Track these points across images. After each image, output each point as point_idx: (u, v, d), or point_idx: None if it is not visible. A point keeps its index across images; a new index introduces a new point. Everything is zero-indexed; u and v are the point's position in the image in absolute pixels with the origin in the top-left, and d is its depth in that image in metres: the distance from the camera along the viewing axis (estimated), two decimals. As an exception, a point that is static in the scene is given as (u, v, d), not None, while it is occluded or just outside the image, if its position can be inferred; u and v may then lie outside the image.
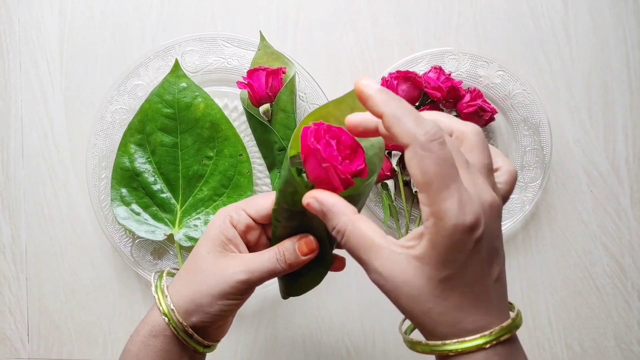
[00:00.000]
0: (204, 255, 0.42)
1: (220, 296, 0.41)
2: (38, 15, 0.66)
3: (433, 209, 0.31)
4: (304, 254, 0.42)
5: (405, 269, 0.33)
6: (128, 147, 0.61)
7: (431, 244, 0.32)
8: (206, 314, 0.41)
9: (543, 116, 0.62)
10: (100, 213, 0.62)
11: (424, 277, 0.33)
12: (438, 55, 0.63)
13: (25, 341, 0.66)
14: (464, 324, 0.33)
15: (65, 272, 0.66)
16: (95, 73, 0.66)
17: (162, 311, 0.42)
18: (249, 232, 0.44)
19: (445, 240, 0.31)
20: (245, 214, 0.43)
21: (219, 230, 0.43)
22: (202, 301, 0.41)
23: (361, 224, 0.35)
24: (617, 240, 0.64)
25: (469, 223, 0.31)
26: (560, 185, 0.65)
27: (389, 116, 0.32)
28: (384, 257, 0.34)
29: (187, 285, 0.42)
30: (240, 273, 0.41)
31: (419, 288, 0.33)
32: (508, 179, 0.37)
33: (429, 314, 0.33)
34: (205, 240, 0.43)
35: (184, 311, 0.42)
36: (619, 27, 0.64)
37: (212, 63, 0.63)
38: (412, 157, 0.31)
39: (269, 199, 0.43)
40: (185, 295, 0.42)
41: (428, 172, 0.31)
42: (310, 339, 0.65)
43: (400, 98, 0.33)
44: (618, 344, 0.64)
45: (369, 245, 0.34)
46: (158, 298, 0.43)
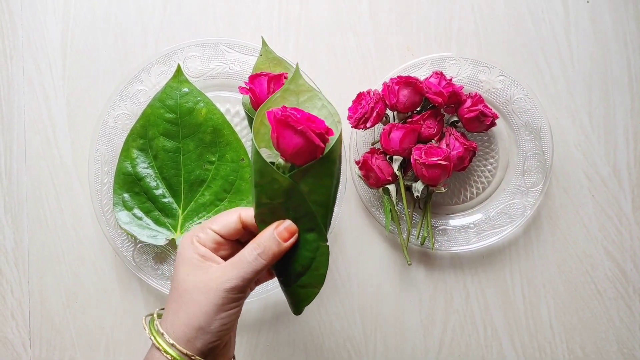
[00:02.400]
0: (184, 278, 0.41)
1: (215, 311, 0.40)
2: (41, 20, 0.66)
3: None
4: (285, 239, 0.41)
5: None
6: (130, 152, 0.61)
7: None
8: (208, 334, 0.40)
9: (544, 121, 0.62)
10: (102, 217, 0.62)
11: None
12: (439, 60, 0.63)
13: (27, 345, 0.66)
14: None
15: (67, 277, 0.66)
16: (98, 78, 0.66)
17: (163, 350, 0.40)
18: (220, 249, 0.43)
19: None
20: (211, 232, 0.43)
21: (190, 251, 0.42)
22: (199, 323, 0.40)
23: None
24: (619, 245, 0.65)
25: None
26: (562, 189, 0.65)
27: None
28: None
29: (179, 314, 0.41)
30: (226, 282, 0.40)
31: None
32: None
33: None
34: (180, 266, 0.42)
35: (186, 341, 0.40)
36: (620, 32, 0.65)
37: (214, 68, 0.63)
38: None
39: (234, 214, 0.43)
40: (181, 324, 0.40)
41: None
42: (312, 343, 0.65)
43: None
44: (620, 348, 0.64)
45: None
46: (155, 339, 0.41)
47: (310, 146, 0.39)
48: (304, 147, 0.39)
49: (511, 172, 0.64)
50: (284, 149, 0.40)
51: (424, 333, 0.65)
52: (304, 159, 0.40)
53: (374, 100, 0.58)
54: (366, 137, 0.64)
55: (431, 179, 0.57)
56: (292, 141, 0.39)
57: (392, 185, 0.60)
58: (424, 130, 0.59)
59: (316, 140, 0.39)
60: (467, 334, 0.65)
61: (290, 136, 0.39)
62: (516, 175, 0.63)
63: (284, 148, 0.40)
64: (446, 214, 0.64)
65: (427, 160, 0.56)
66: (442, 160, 0.56)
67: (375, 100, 0.58)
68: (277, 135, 0.40)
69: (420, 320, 0.65)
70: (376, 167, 0.59)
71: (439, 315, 0.65)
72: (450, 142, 0.58)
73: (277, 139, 0.40)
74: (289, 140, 0.39)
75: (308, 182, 0.41)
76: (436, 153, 0.57)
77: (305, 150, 0.39)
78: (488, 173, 0.64)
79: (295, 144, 0.39)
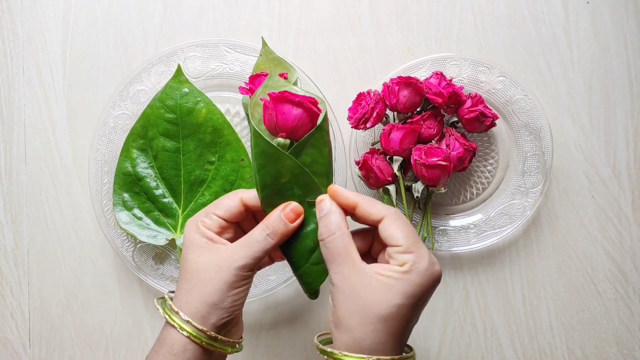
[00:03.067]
0: (195, 260, 0.43)
1: (228, 288, 0.42)
2: (41, 21, 0.66)
3: (413, 255, 0.40)
4: (292, 220, 0.44)
5: (368, 283, 0.40)
6: (130, 152, 0.61)
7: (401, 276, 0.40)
8: (221, 309, 0.42)
9: (544, 121, 0.62)
10: (102, 218, 0.62)
11: (382, 299, 0.39)
12: (439, 60, 0.63)
13: (26, 346, 0.66)
14: (385, 347, 0.40)
15: (67, 277, 0.66)
16: (98, 78, 0.66)
17: (179, 327, 0.42)
18: (224, 233, 0.45)
19: (416, 279, 0.40)
20: (215, 217, 0.45)
21: (197, 234, 0.44)
22: (213, 300, 0.42)
23: (347, 237, 0.42)
24: (619, 246, 0.65)
25: (437, 274, 0.41)
26: (562, 190, 0.65)
27: (363, 203, 0.42)
28: (355, 268, 0.40)
29: (192, 293, 0.43)
30: (238, 260, 0.42)
31: (372, 304, 0.39)
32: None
33: (365, 326, 0.39)
34: (190, 249, 0.44)
35: (200, 317, 0.42)
36: (620, 33, 0.65)
37: (214, 68, 0.63)
38: (390, 223, 0.41)
39: (236, 197, 0.45)
40: (195, 302, 0.42)
41: (404, 231, 0.41)
42: (312, 343, 0.65)
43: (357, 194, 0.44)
44: (620, 349, 0.64)
45: (348, 253, 0.41)
46: (170, 317, 0.43)
47: (309, 114, 0.43)
48: (304, 117, 0.43)
49: (511, 173, 0.64)
50: (284, 124, 0.43)
51: (424, 333, 0.65)
52: (303, 131, 0.43)
53: (374, 101, 0.58)
54: (366, 138, 0.64)
55: (431, 180, 0.57)
56: (291, 114, 0.42)
57: (392, 185, 0.60)
58: (424, 130, 0.59)
59: (313, 107, 0.43)
60: (466, 334, 0.65)
61: (289, 110, 0.42)
62: (516, 176, 0.63)
63: (284, 124, 0.43)
64: (446, 214, 0.64)
65: (427, 161, 0.56)
66: (442, 160, 0.56)
67: (375, 101, 0.58)
68: (276, 113, 0.43)
69: (420, 321, 0.64)
70: (376, 167, 0.59)
71: (439, 316, 0.65)
72: (450, 142, 0.58)
73: (275, 117, 0.43)
74: (288, 115, 0.43)
75: (309, 153, 0.44)
76: (436, 153, 0.57)
77: (305, 120, 0.43)
78: (488, 173, 0.64)
79: (296, 116, 0.42)
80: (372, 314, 0.39)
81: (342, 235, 0.41)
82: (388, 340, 0.40)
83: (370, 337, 0.39)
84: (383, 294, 0.39)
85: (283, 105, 0.43)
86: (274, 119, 0.43)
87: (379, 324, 0.39)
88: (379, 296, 0.39)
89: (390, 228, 0.41)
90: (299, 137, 0.44)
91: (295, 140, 0.44)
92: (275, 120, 0.43)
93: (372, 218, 0.42)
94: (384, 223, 0.42)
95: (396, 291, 0.39)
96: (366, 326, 0.39)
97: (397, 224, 0.41)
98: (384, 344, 0.40)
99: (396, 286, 0.39)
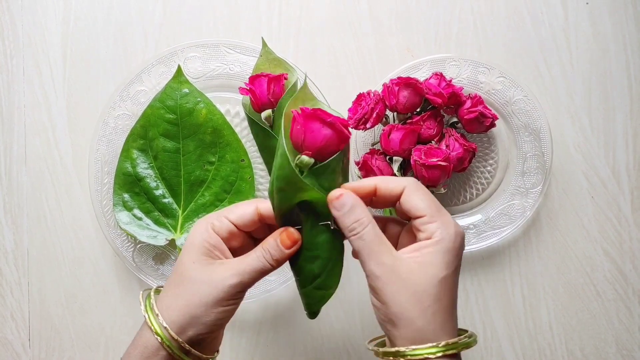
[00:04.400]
0: (190, 265, 0.42)
1: (215, 304, 0.40)
2: (42, 21, 0.66)
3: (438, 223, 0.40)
4: (288, 247, 0.42)
5: (412, 268, 0.39)
6: (130, 152, 0.61)
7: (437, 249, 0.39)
8: (202, 325, 0.41)
9: (544, 122, 0.62)
10: (102, 218, 0.62)
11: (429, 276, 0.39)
12: (439, 61, 0.63)
13: (26, 346, 0.66)
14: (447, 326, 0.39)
15: (67, 277, 0.66)
16: (98, 79, 0.66)
17: (154, 330, 0.40)
18: (232, 239, 0.43)
19: (449, 245, 0.40)
20: (227, 221, 0.43)
21: (202, 238, 0.42)
22: (196, 312, 0.40)
23: (377, 226, 0.41)
24: (618, 246, 0.65)
25: (463, 233, 0.41)
26: (561, 191, 0.65)
27: (380, 182, 0.42)
28: (394, 256, 0.40)
29: (178, 299, 0.41)
30: (231, 277, 0.41)
31: (422, 286, 0.39)
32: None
33: (425, 312, 0.38)
34: (188, 251, 0.42)
35: (178, 327, 0.40)
36: (619, 34, 0.65)
37: (215, 69, 0.63)
38: (411, 194, 0.41)
39: (252, 205, 0.43)
40: (178, 310, 0.41)
41: (426, 199, 0.41)
42: (311, 344, 0.65)
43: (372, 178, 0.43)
44: (619, 349, 0.64)
45: (383, 242, 0.40)
46: (149, 317, 0.41)
47: (338, 137, 0.41)
48: (333, 138, 0.41)
49: (511, 173, 0.64)
50: (311, 142, 0.41)
51: (424, 334, 0.65)
52: (328, 152, 0.42)
53: (374, 101, 0.58)
54: (366, 138, 0.64)
55: (431, 180, 0.57)
56: (320, 133, 0.41)
57: (392, 186, 0.60)
58: (423, 131, 0.59)
59: (344, 130, 0.41)
60: (466, 335, 0.65)
61: (318, 129, 0.41)
62: (516, 176, 0.63)
63: (311, 142, 0.41)
64: (446, 215, 0.64)
65: (426, 161, 0.56)
66: (441, 161, 0.56)
67: (375, 101, 0.58)
68: (305, 129, 0.41)
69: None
70: (376, 167, 0.59)
71: (439, 316, 0.65)
72: (450, 143, 0.58)
73: (304, 133, 0.41)
74: (317, 133, 0.41)
75: (329, 178, 0.43)
76: (436, 154, 0.57)
77: (333, 142, 0.41)
78: (488, 174, 0.65)
79: (324, 136, 0.41)
80: (427, 296, 0.38)
81: (375, 226, 0.40)
82: (446, 319, 0.39)
83: (432, 322, 0.38)
84: (428, 273, 0.39)
85: (314, 122, 0.41)
86: (302, 135, 0.42)
87: (436, 304, 0.39)
88: (426, 276, 0.39)
89: (412, 199, 0.41)
90: (323, 158, 0.42)
91: (318, 160, 0.42)
92: (304, 137, 0.41)
93: (394, 193, 0.42)
94: (405, 195, 0.41)
95: (438, 264, 0.39)
96: (426, 312, 0.38)
97: (418, 194, 0.41)
98: (443, 325, 0.39)
99: (436, 260, 0.39)
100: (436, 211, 0.41)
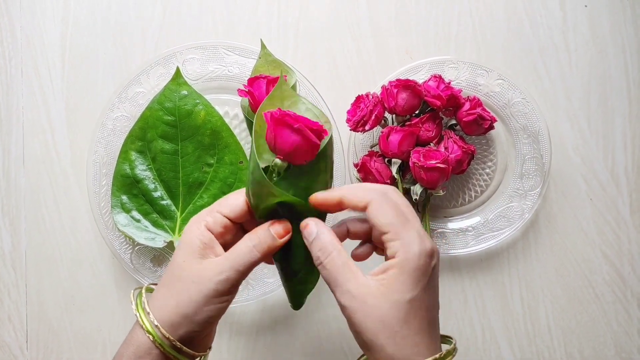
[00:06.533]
0: (180, 264, 0.42)
1: (205, 302, 0.40)
2: (40, 22, 0.66)
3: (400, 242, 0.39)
4: (281, 236, 0.42)
5: (376, 293, 0.38)
6: (129, 154, 0.61)
7: (400, 270, 0.38)
8: (193, 323, 0.41)
9: (542, 124, 0.62)
10: (100, 220, 0.62)
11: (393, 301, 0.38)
12: (438, 63, 0.63)
13: (24, 348, 0.66)
14: (420, 348, 0.38)
15: (65, 279, 0.66)
16: (97, 80, 0.66)
17: (146, 329, 0.41)
18: (227, 233, 0.43)
19: (412, 264, 0.38)
20: (220, 216, 0.43)
21: (194, 236, 0.42)
22: (187, 311, 0.40)
23: (344, 253, 0.40)
24: (617, 249, 0.65)
25: (429, 248, 0.39)
26: (560, 193, 0.65)
27: (347, 193, 0.41)
28: (359, 282, 0.39)
29: (169, 298, 0.41)
30: (219, 274, 0.41)
31: (388, 311, 0.38)
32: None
33: (393, 337, 0.38)
34: (181, 250, 0.42)
35: (170, 325, 0.41)
36: (618, 36, 0.65)
37: (213, 71, 0.63)
38: (375, 209, 0.40)
39: (241, 196, 0.43)
40: (169, 309, 0.41)
41: (389, 214, 0.39)
42: (310, 346, 0.65)
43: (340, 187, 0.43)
44: (618, 352, 0.64)
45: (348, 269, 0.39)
46: (140, 316, 0.41)
47: (306, 144, 0.40)
48: (300, 146, 0.40)
49: (509, 176, 0.64)
50: (281, 148, 0.40)
51: (422, 336, 0.65)
52: (300, 158, 0.41)
53: (373, 103, 0.58)
54: (365, 140, 0.64)
55: (429, 182, 0.57)
56: (289, 140, 0.40)
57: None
58: (422, 133, 0.59)
59: (312, 138, 0.40)
60: (465, 337, 0.65)
61: (287, 135, 0.40)
62: (514, 179, 0.63)
63: (281, 147, 0.40)
64: (444, 217, 0.64)
65: (425, 164, 0.56)
66: (440, 163, 0.56)
67: (373, 103, 0.58)
68: (275, 134, 0.40)
69: (418, 324, 0.65)
70: (375, 170, 0.59)
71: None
72: (449, 145, 0.58)
73: (274, 138, 0.41)
74: (286, 139, 0.40)
75: (304, 180, 0.42)
76: (434, 156, 0.57)
77: (301, 149, 0.40)
78: (486, 176, 0.65)
79: (292, 142, 0.40)
80: (395, 321, 0.38)
81: (340, 253, 0.40)
82: (419, 341, 0.38)
83: (403, 347, 0.38)
84: (393, 296, 0.38)
85: (282, 128, 0.40)
86: (272, 139, 0.41)
87: (404, 329, 0.38)
88: (390, 300, 0.38)
89: (376, 215, 0.40)
90: (298, 161, 0.42)
91: (293, 163, 0.42)
92: (274, 141, 0.41)
93: (358, 207, 0.41)
94: (369, 210, 0.40)
95: (402, 288, 0.38)
96: (395, 337, 0.38)
97: (382, 209, 0.40)
98: (418, 345, 0.38)
99: (400, 282, 0.38)
100: (401, 226, 0.39)
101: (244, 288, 0.62)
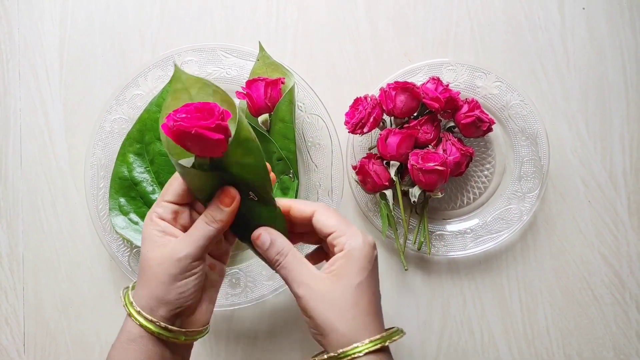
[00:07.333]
0: (146, 255, 0.45)
1: (171, 281, 0.44)
2: (38, 25, 0.66)
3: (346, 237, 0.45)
4: (227, 204, 0.45)
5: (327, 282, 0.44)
6: (127, 156, 0.61)
7: (347, 260, 0.44)
8: (167, 303, 0.44)
9: (540, 127, 0.62)
10: (98, 222, 0.62)
11: (343, 286, 0.44)
12: (436, 66, 0.63)
13: (21, 351, 0.66)
14: (369, 327, 0.43)
15: (63, 282, 0.65)
16: (95, 82, 0.66)
17: (132, 316, 0.44)
18: (179, 216, 0.46)
19: (358, 254, 0.44)
20: (166, 203, 0.46)
21: (149, 228, 0.45)
22: (158, 293, 0.44)
23: (298, 253, 0.46)
24: (615, 251, 0.65)
25: (371, 240, 0.46)
26: (558, 195, 0.65)
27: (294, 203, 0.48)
28: (313, 275, 0.45)
29: (143, 286, 0.45)
30: (179, 251, 0.44)
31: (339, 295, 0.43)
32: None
33: (345, 318, 0.43)
34: (143, 244, 0.46)
35: (149, 309, 0.44)
36: (616, 39, 0.65)
37: (211, 73, 0.63)
38: (321, 214, 0.46)
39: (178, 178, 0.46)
40: (145, 295, 0.44)
41: (334, 217, 0.46)
42: (308, 349, 0.65)
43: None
44: (617, 354, 0.64)
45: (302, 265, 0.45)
46: (126, 305, 0.45)
47: (211, 142, 0.40)
48: (207, 145, 0.40)
49: (508, 178, 0.64)
50: (193, 151, 0.41)
51: (421, 339, 0.65)
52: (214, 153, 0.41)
53: (371, 106, 0.58)
54: (363, 143, 0.64)
55: (428, 184, 0.57)
56: (194, 144, 0.40)
57: (389, 190, 0.60)
58: (420, 135, 0.59)
59: (213, 135, 0.40)
60: (464, 340, 0.65)
61: (190, 140, 0.40)
62: (513, 181, 0.63)
63: (192, 151, 0.41)
64: (443, 219, 0.64)
65: (424, 166, 0.56)
66: (438, 165, 0.56)
67: (372, 106, 0.58)
68: (180, 143, 0.40)
69: (417, 326, 0.65)
70: (373, 172, 0.59)
71: (436, 321, 0.65)
72: (447, 147, 0.58)
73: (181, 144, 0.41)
74: (192, 145, 0.40)
75: (234, 167, 0.44)
76: (433, 158, 0.57)
77: (210, 146, 0.40)
78: (485, 178, 0.65)
79: (198, 146, 0.40)
80: (345, 303, 0.43)
81: (293, 252, 0.45)
82: (368, 321, 0.44)
83: (354, 326, 0.43)
84: (343, 282, 0.44)
85: (181, 137, 0.40)
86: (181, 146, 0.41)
87: (354, 309, 0.43)
88: (341, 286, 0.43)
89: (322, 218, 0.46)
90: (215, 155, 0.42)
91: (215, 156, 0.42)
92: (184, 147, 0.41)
93: (305, 215, 0.47)
94: (316, 216, 0.46)
95: (350, 273, 0.44)
96: (345, 318, 0.43)
97: (328, 214, 0.46)
98: (365, 326, 0.43)
99: (348, 269, 0.44)
100: (345, 225, 0.45)
101: (242, 291, 0.62)
